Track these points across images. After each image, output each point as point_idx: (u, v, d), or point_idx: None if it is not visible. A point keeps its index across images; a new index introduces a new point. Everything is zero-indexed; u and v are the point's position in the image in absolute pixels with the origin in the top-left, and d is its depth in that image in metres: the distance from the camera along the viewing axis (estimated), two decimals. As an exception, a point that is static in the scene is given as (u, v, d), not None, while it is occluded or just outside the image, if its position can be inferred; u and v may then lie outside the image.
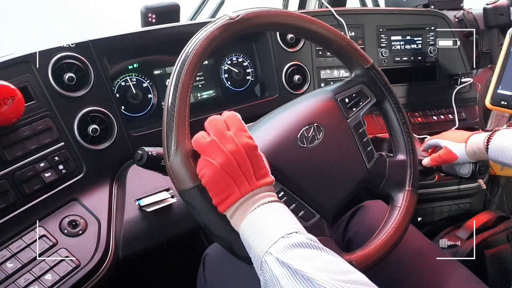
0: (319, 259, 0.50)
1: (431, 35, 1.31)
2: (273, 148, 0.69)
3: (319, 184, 0.71)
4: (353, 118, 0.78)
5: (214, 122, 0.59)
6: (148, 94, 1.02)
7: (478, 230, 1.16)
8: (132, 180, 0.90)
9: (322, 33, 0.75)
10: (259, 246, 0.52)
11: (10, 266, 0.69)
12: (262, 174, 0.58)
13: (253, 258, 0.54)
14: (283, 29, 0.86)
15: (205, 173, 0.56)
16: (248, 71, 1.16)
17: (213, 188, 0.56)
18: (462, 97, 1.32)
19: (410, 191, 0.77)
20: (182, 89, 0.60)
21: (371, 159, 0.77)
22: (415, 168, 0.79)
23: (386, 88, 0.81)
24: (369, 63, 0.79)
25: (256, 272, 0.54)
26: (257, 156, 0.59)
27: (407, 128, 0.81)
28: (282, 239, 0.51)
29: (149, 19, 1.14)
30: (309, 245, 0.51)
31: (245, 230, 0.55)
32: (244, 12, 0.67)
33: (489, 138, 0.82)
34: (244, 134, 0.59)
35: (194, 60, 0.62)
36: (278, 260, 0.50)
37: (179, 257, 1.22)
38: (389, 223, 0.73)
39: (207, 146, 0.57)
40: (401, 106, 0.81)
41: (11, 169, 0.75)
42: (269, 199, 0.57)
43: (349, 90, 0.79)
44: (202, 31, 0.64)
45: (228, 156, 0.56)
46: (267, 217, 0.55)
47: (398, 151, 0.81)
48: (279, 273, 0.49)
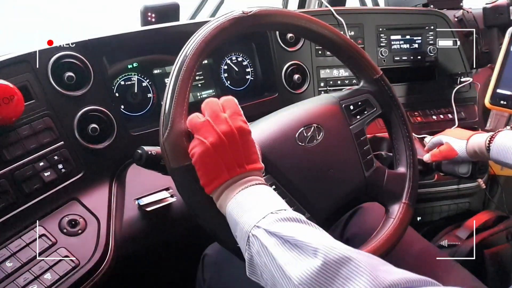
0: (309, 231, 0.50)
1: (430, 34, 1.31)
2: (269, 141, 0.70)
3: (313, 183, 0.71)
4: (356, 126, 0.78)
5: (210, 103, 0.60)
6: (148, 93, 1.02)
7: (478, 229, 1.16)
8: (132, 180, 0.90)
9: (334, 39, 0.76)
10: (247, 222, 0.52)
11: (10, 265, 0.69)
12: (252, 159, 0.58)
13: (239, 235, 0.54)
14: (293, 31, 0.86)
15: (195, 152, 0.56)
16: (247, 71, 1.16)
17: (202, 168, 0.56)
18: (462, 96, 1.32)
19: (407, 204, 0.77)
20: (186, 71, 0.60)
21: (370, 168, 0.77)
22: (414, 182, 0.79)
23: (393, 101, 0.81)
24: (378, 74, 0.80)
25: (241, 250, 0.54)
26: (249, 141, 0.59)
27: (410, 142, 0.80)
28: (270, 215, 0.51)
29: (148, 18, 1.14)
30: (299, 219, 0.51)
31: (232, 209, 0.55)
32: (258, 9, 0.67)
33: (491, 137, 0.82)
34: (239, 117, 0.59)
35: (201, 46, 0.62)
36: (267, 231, 0.49)
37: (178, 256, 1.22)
38: (381, 233, 0.73)
39: (200, 126, 0.57)
40: (406, 119, 0.81)
41: (10, 169, 0.75)
42: (257, 182, 0.57)
43: (355, 98, 0.79)
44: (214, 21, 0.65)
45: (220, 136, 0.56)
46: (255, 197, 0.55)
47: (399, 164, 0.81)
48: (269, 242, 0.48)
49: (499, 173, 1.31)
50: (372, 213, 0.91)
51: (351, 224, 0.92)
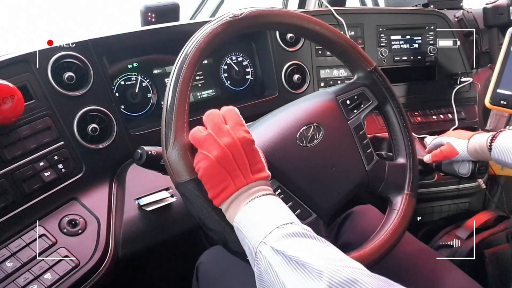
0: (315, 248, 0.49)
1: (430, 34, 1.31)
2: (271, 145, 0.69)
3: (317, 183, 0.71)
4: (353, 120, 0.78)
5: (211, 116, 0.59)
6: (148, 93, 1.02)
7: (478, 229, 1.16)
8: (132, 180, 0.90)
9: (326, 34, 0.75)
10: (254, 237, 0.52)
11: (10, 265, 0.69)
12: (258, 168, 0.58)
13: (247, 250, 0.54)
14: (286, 29, 0.86)
15: (201, 166, 0.56)
16: (247, 71, 1.16)
17: (209, 181, 0.56)
18: (462, 96, 1.32)
19: (409, 194, 0.77)
20: (183, 83, 0.60)
21: (371, 162, 0.77)
22: (414, 172, 0.79)
23: (388, 92, 0.81)
24: (372, 66, 0.79)
25: (251, 264, 0.54)
26: (254, 151, 0.58)
27: (408, 132, 0.80)
28: (277, 230, 0.51)
29: (148, 18, 1.14)
30: (305, 234, 0.51)
31: (239, 222, 0.55)
32: (248, 11, 0.67)
33: (493, 137, 0.82)
34: (241, 128, 0.58)
35: (196, 55, 0.62)
36: (273, 248, 0.49)
37: (178, 256, 1.22)
38: (387, 225, 0.73)
39: (203, 140, 0.57)
40: (402, 109, 0.81)
41: (10, 168, 0.75)
42: (264, 193, 0.57)
43: (351, 92, 0.79)
44: (206, 27, 0.64)
45: (224, 149, 0.56)
46: (262, 209, 0.55)
47: (398, 154, 0.81)
48: (274, 261, 0.48)
49: (499, 173, 1.31)
50: (364, 217, 0.91)
51: (344, 229, 0.91)
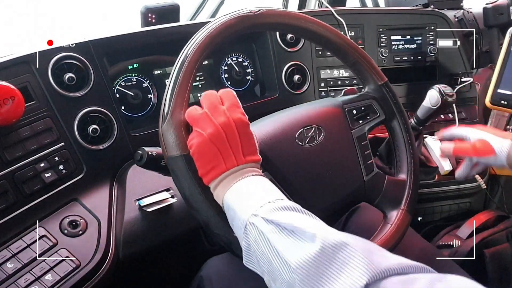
0: (307, 218, 0.50)
1: (431, 34, 1.31)
2: (269, 139, 0.70)
3: (310, 183, 0.71)
4: (357, 130, 0.78)
5: (208, 95, 0.60)
6: (148, 94, 1.02)
7: (478, 229, 1.16)
8: (132, 180, 0.90)
9: (340, 44, 0.76)
10: (244, 211, 0.52)
11: (11, 266, 0.69)
12: (250, 151, 0.59)
13: (236, 224, 0.54)
14: (298, 33, 0.85)
15: (193, 143, 0.57)
16: (248, 71, 1.16)
17: (200, 159, 0.57)
18: (462, 96, 1.32)
19: (405, 210, 0.76)
20: (189, 63, 0.61)
21: (370, 173, 0.77)
22: (414, 190, 0.78)
23: (397, 107, 0.80)
24: (383, 80, 0.79)
25: (238, 239, 0.54)
26: (248, 133, 0.59)
27: (412, 149, 0.80)
28: (268, 204, 0.52)
29: (149, 19, 1.14)
30: (296, 209, 0.52)
31: (229, 198, 0.55)
32: (266, 9, 0.68)
33: None
34: (237, 110, 0.59)
35: (206, 41, 0.63)
36: (265, 218, 0.50)
37: (179, 257, 1.22)
38: (377, 238, 0.73)
39: (198, 118, 0.58)
40: (409, 126, 0.81)
41: (11, 170, 0.75)
42: (254, 173, 0.58)
43: (359, 103, 0.79)
44: (220, 18, 0.65)
45: (218, 128, 0.56)
46: (253, 186, 0.56)
47: (400, 171, 0.80)
48: (266, 229, 0.49)
49: (500, 173, 1.31)
50: (371, 213, 0.91)
51: (350, 223, 0.92)
